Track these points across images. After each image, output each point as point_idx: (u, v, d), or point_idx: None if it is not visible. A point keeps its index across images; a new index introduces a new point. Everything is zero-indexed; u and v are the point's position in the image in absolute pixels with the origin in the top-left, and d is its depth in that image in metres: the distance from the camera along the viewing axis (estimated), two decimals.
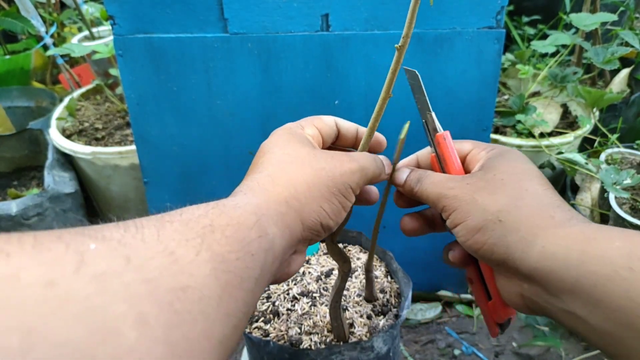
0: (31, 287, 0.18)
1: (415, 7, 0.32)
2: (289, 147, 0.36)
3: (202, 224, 0.26)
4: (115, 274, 0.20)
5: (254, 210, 0.30)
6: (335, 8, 0.71)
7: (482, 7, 0.71)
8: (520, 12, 1.43)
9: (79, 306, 0.18)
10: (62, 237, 0.20)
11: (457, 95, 0.78)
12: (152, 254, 0.23)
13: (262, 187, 0.33)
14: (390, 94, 0.37)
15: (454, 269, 0.99)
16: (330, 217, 0.34)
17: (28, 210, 1.03)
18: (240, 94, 0.78)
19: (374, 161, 0.38)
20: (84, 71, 1.42)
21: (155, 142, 0.82)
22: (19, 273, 0.18)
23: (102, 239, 0.22)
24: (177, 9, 0.72)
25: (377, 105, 0.38)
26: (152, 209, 0.89)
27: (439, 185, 0.37)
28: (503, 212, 0.33)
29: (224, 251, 0.26)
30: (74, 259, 0.19)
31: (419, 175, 0.39)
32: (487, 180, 0.35)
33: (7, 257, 0.18)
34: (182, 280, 0.23)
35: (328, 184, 0.34)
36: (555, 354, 0.91)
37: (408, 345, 0.94)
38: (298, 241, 0.34)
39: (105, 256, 0.21)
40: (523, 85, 1.20)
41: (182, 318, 0.22)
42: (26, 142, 1.27)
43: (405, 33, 0.33)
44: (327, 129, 0.41)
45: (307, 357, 0.49)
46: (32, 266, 0.18)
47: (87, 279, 0.19)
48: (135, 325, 0.20)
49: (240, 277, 0.26)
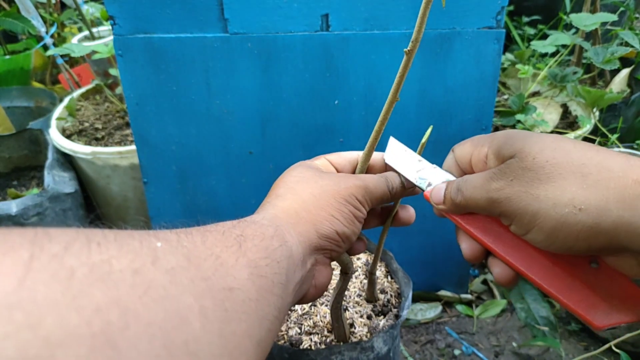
0: (122, 273, 0.20)
1: (426, 11, 0.31)
2: (296, 172, 0.39)
3: (235, 234, 0.29)
4: (182, 269, 0.23)
5: (271, 222, 0.32)
6: (335, 8, 0.71)
7: (482, 7, 0.71)
8: (520, 12, 1.43)
9: (159, 293, 0.21)
10: (133, 235, 0.23)
11: (457, 95, 0.78)
12: (204, 255, 0.25)
13: (272, 204, 0.35)
14: (398, 97, 0.37)
15: (454, 269, 0.99)
16: (344, 225, 0.35)
17: (28, 210, 1.03)
18: (240, 94, 0.78)
19: (381, 181, 0.38)
20: (84, 71, 1.42)
21: (154, 142, 0.82)
22: (110, 260, 0.20)
23: (164, 239, 0.24)
24: (177, 9, 0.71)
25: (384, 109, 0.38)
26: (151, 209, 0.89)
27: (483, 188, 0.33)
28: (578, 197, 0.28)
29: (256, 257, 0.28)
30: (149, 253, 0.22)
31: (457, 185, 0.36)
32: (531, 168, 0.30)
33: (99, 246, 0.20)
34: (229, 281, 0.25)
35: (334, 195, 0.35)
36: (555, 354, 0.91)
37: (408, 345, 0.94)
38: (315, 249, 0.34)
39: (171, 253, 0.23)
40: (523, 85, 1.20)
41: (230, 316, 0.24)
42: (26, 142, 1.26)
43: (415, 37, 0.33)
44: (342, 161, 0.42)
45: (307, 357, 0.49)
46: (119, 256, 0.20)
47: (163, 271, 0.22)
48: (199, 316, 0.22)
49: (271, 281, 0.28)
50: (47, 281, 0.17)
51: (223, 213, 0.89)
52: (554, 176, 0.29)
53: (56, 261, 0.18)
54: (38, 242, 0.19)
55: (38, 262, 0.18)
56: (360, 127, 0.80)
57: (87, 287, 0.18)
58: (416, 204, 0.46)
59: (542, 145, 0.31)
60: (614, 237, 0.27)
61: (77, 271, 0.18)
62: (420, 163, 0.40)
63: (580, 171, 0.28)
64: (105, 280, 0.19)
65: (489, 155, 0.35)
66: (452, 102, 0.79)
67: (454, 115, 0.80)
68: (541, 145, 0.31)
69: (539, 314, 0.97)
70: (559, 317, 0.99)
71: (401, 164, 0.40)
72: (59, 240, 0.19)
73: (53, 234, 0.20)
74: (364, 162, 0.41)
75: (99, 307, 0.18)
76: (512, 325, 0.98)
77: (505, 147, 0.33)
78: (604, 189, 0.27)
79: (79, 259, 0.19)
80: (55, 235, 0.20)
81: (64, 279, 0.18)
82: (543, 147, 0.31)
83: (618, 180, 0.27)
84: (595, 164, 0.28)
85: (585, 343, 0.93)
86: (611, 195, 0.27)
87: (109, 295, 0.19)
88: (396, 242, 0.93)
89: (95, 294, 0.18)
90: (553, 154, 0.30)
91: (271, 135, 0.81)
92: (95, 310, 0.18)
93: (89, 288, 0.18)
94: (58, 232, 0.20)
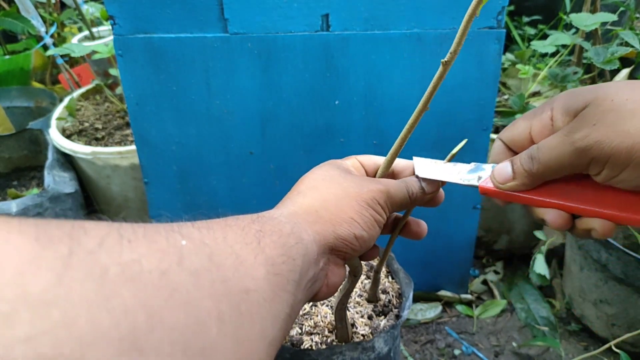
0: (151, 274, 0.20)
1: (468, 24, 0.32)
2: (322, 170, 0.38)
3: (255, 230, 0.29)
4: (205, 271, 0.23)
5: (288, 219, 0.32)
6: (335, 8, 0.71)
7: (483, 7, 0.71)
8: (520, 12, 1.43)
9: (182, 297, 0.21)
10: (160, 232, 0.23)
11: (457, 95, 0.78)
12: (225, 254, 0.25)
13: (293, 201, 0.35)
14: (428, 107, 0.36)
15: (454, 269, 0.99)
16: (363, 229, 0.35)
17: (28, 210, 1.03)
18: (240, 94, 0.78)
19: (401, 187, 0.38)
20: (84, 71, 1.42)
21: (155, 142, 0.82)
22: (141, 259, 0.20)
23: (188, 237, 0.24)
24: (177, 9, 0.71)
25: (412, 118, 0.37)
26: (152, 209, 0.89)
27: (565, 143, 0.31)
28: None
29: (274, 254, 0.28)
30: (175, 252, 0.22)
31: (529, 154, 0.34)
32: (612, 109, 0.29)
33: (130, 243, 0.20)
34: (247, 282, 0.25)
35: (356, 197, 0.35)
36: (555, 354, 0.91)
37: (408, 345, 0.94)
38: (330, 249, 0.34)
39: (195, 253, 0.23)
40: (523, 85, 1.20)
41: (245, 319, 0.24)
42: (26, 142, 1.26)
43: (454, 49, 0.33)
44: (372, 164, 0.42)
45: (308, 358, 0.49)
46: (149, 255, 0.21)
47: (187, 274, 0.22)
48: (216, 321, 0.22)
49: (286, 279, 0.28)
50: (82, 279, 0.18)
51: (223, 213, 0.89)
52: (638, 110, 0.29)
53: (92, 258, 0.18)
54: (75, 237, 0.19)
55: (76, 258, 0.18)
56: (361, 128, 0.80)
57: (118, 287, 0.18)
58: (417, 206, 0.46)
59: (616, 88, 0.30)
60: None
61: (110, 270, 0.19)
62: (457, 166, 0.39)
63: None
64: (135, 280, 0.19)
65: (555, 117, 0.34)
66: (452, 102, 0.79)
67: (455, 115, 0.80)
68: (615, 88, 0.30)
69: (539, 314, 0.98)
70: (559, 317, 0.99)
71: (439, 173, 0.39)
72: (94, 235, 0.19)
73: (88, 227, 0.20)
74: (385, 167, 0.40)
75: (127, 308, 0.18)
76: (512, 325, 0.98)
77: (575, 101, 0.32)
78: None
79: (111, 257, 0.19)
80: (90, 229, 0.20)
81: (98, 278, 0.18)
82: (617, 89, 0.30)
83: None
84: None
85: (585, 343, 0.93)
86: None
87: (138, 296, 0.19)
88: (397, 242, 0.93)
89: (125, 295, 0.18)
90: (631, 92, 0.29)
91: (271, 135, 0.81)
92: (124, 312, 0.18)
93: (120, 288, 0.18)
94: (92, 226, 0.20)
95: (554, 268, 1.07)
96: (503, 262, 1.11)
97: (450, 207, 0.88)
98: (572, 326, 0.96)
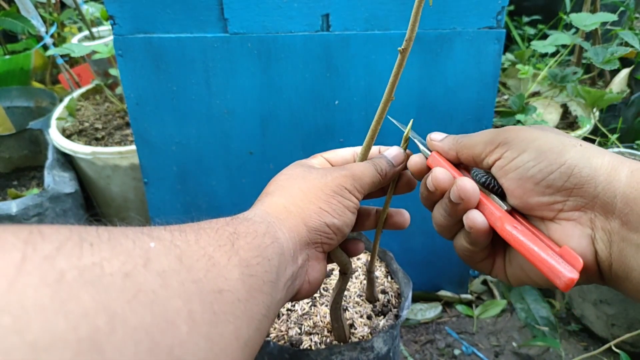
0: (113, 277, 0.20)
1: (419, 10, 0.32)
2: (288, 170, 0.39)
3: (229, 232, 0.29)
4: (174, 272, 0.23)
5: (262, 219, 0.32)
6: (335, 8, 0.71)
7: (483, 7, 0.71)
8: (520, 12, 1.43)
9: (148, 297, 0.21)
10: (127, 234, 0.23)
11: (457, 95, 0.78)
12: (197, 256, 0.25)
13: (262, 202, 0.36)
14: (393, 96, 0.37)
15: (454, 269, 0.99)
16: (333, 216, 0.35)
17: (28, 210, 1.03)
18: (240, 94, 0.78)
19: (368, 166, 0.39)
20: (84, 71, 1.42)
21: (155, 142, 0.82)
22: (102, 262, 0.20)
23: (158, 239, 0.24)
24: (177, 9, 0.71)
25: (379, 108, 0.38)
26: (152, 209, 0.89)
27: (485, 134, 0.35)
28: (579, 142, 0.31)
29: (248, 256, 0.28)
30: (141, 255, 0.22)
31: (455, 138, 0.37)
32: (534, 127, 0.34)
33: (91, 247, 0.20)
34: (219, 283, 0.25)
35: (322, 187, 0.36)
36: (555, 354, 0.91)
37: (408, 345, 0.94)
38: (306, 244, 0.35)
39: (164, 254, 0.23)
40: (523, 85, 1.20)
41: (218, 318, 0.24)
42: (26, 142, 1.26)
43: (409, 36, 0.33)
44: (339, 159, 0.42)
45: (307, 358, 0.49)
46: (111, 257, 0.21)
47: (154, 274, 0.22)
48: (187, 320, 0.22)
49: (262, 280, 0.28)
50: (36, 285, 0.17)
51: (223, 213, 0.89)
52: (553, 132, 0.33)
53: (47, 263, 0.18)
54: (31, 242, 0.19)
55: (29, 263, 0.18)
56: (361, 127, 0.80)
57: (76, 291, 0.18)
58: (417, 205, 0.46)
59: (528, 134, 0.33)
60: (592, 177, 0.30)
61: (67, 274, 0.18)
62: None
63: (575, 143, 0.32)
64: (95, 284, 0.19)
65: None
66: (452, 102, 0.79)
67: (454, 115, 0.80)
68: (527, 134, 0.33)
69: (539, 314, 0.98)
70: (559, 317, 0.99)
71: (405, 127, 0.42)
72: (52, 240, 0.19)
73: (46, 232, 0.20)
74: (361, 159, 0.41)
75: (86, 311, 0.18)
76: (512, 325, 0.98)
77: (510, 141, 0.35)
78: (600, 150, 0.31)
79: (69, 261, 0.19)
80: (49, 234, 0.20)
81: (54, 283, 0.18)
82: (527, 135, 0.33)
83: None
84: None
85: (585, 343, 0.93)
86: (605, 152, 0.31)
87: (98, 299, 0.19)
88: (397, 242, 0.93)
89: (84, 298, 0.18)
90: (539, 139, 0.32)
91: (271, 135, 0.81)
92: (83, 315, 0.18)
93: (78, 292, 0.18)
94: (51, 231, 0.20)
95: None
96: None
97: None
98: (572, 326, 0.96)
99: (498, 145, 0.33)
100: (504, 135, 0.33)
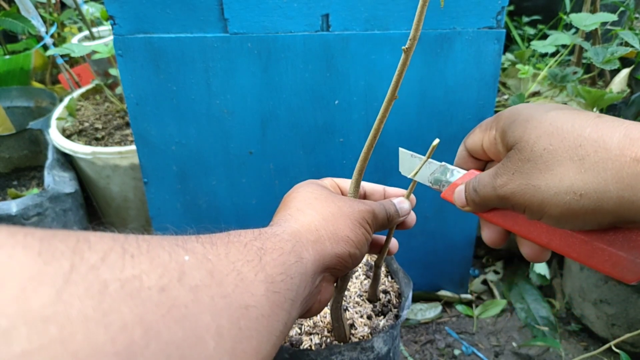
0: (150, 290, 0.21)
1: (423, 9, 0.32)
2: (311, 187, 0.40)
3: (257, 247, 0.30)
4: (205, 287, 0.23)
5: (290, 237, 0.33)
6: (335, 8, 0.71)
7: (482, 7, 0.71)
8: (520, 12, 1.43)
9: (180, 312, 0.21)
10: (164, 246, 0.24)
11: (457, 95, 0.78)
12: (227, 271, 0.26)
13: (294, 218, 0.36)
14: (396, 95, 0.37)
15: (454, 269, 0.99)
16: (356, 247, 0.37)
17: (28, 210, 1.03)
18: (240, 94, 0.78)
19: (380, 207, 0.41)
20: (84, 71, 1.42)
21: (155, 142, 0.82)
22: (141, 275, 0.21)
23: (192, 252, 0.25)
24: (177, 9, 0.71)
25: (383, 107, 0.38)
26: (152, 209, 0.89)
27: (491, 186, 0.34)
28: (577, 184, 0.28)
29: (274, 273, 0.29)
30: (176, 268, 0.23)
31: (473, 186, 0.37)
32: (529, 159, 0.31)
33: (132, 259, 0.21)
34: (246, 299, 0.26)
35: (350, 216, 0.37)
36: (555, 354, 0.91)
37: (408, 345, 0.94)
38: (326, 268, 0.35)
39: (196, 268, 0.24)
40: (523, 85, 1.20)
41: (243, 334, 0.24)
42: (26, 142, 1.27)
43: (413, 35, 0.33)
44: (346, 187, 0.44)
45: (307, 358, 0.49)
46: (150, 271, 0.21)
47: (187, 289, 0.22)
48: (214, 336, 0.23)
49: (284, 297, 0.29)
50: (81, 295, 0.18)
51: (223, 213, 0.89)
52: (552, 164, 0.29)
53: (92, 274, 0.19)
54: (79, 251, 0.19)
55: (76, 273, 0.19)
56: (361, 127, 0.80)
57: (117, 303, 0.19)
58: (418, 204, 0.46)
59: (539, 131, 0.31)
60: (620, 215, 0.28)
61: (110, 286, 0.19)
62: (430, 165, 0.41)
63: (577, 154, 0.28)
64: (134, 297, 0.20)
65: (497, 139, 0.35)
66: (452, 102, 0.79)
67: (455, 115, 0.80)
68: (538, 132, 0.31)
69: (539, 314, 0.98)
70: (559, 317, 0.99)
71: (413, 171, 0.42)
72: (97, 250, 0.20)
73: (93, 241, 0.20)
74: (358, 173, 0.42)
75: (125, 324, 0.19)
76: (512, 325, 0.98)
77: (508, 134, 0.33)
78: (601, 170, 0.27)
79: (113, 273, 0.20)
80: (94, 243, 0.20)
81: (97, 294, 0.19)
82: (540, 133, 0.31)
83: (615, 160, 0.27)
84: (592, 144, 0.28)
85: (585, 343, 0.93)
86: (609, 176, 0.27)
87: (135, 312, 0.19)
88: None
89: (123, 311, 0.19)
90: (550, 140, 0.30)
91: (271, 135, 0.81)
92: (122, 328, 0.19)
93: (119, 304, 0.19)
94: (97, 239, 0.21)
95: (554, 268, 1.07)
96: (503, 261, 1.11)
97: (450, 207, 0.88)
98: (572, 326, 0.96)
99: (512, 207, 0.33)
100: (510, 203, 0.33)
